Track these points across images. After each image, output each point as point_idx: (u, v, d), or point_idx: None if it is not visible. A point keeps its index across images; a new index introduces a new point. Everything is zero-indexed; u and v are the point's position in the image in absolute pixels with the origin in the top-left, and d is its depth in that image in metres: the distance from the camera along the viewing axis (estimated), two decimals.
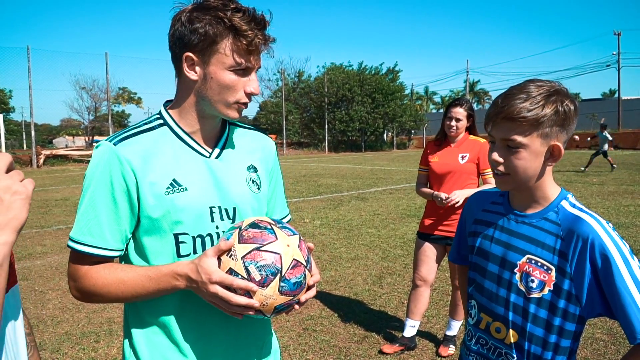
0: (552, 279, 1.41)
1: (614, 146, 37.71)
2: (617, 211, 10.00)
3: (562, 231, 1.43)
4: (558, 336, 1.43)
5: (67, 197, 13.74)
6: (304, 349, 4.14)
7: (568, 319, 1.41)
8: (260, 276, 1.25)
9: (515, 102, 1.38)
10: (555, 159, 1.44)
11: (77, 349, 4.22)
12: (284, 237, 1.32)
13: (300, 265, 1.32)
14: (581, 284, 1.37)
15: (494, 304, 1.54)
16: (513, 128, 1.40)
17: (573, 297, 1.39)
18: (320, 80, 44.29)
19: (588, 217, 1.41)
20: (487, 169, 3.88)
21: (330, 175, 19.65)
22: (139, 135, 1.43)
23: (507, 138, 1.41)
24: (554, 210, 1.47)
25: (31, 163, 26.70)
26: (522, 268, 1.47)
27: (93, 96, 39.94)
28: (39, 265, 6.80)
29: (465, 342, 1.68)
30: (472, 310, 1.64)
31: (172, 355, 1.44)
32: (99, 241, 1.37)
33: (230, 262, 1.27)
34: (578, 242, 1.38)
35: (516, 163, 1.42)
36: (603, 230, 1.37)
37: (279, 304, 1.30)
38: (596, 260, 1.35)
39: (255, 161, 1.59)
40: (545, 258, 1.43)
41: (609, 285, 1.33)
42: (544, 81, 1.43)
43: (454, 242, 1.86)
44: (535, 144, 1.40)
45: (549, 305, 1.42)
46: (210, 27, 1.34)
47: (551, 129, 1.39)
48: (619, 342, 4.12)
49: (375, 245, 7.64)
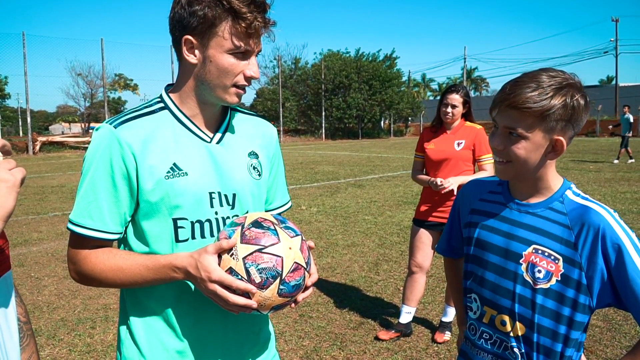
0: (559, 269, 1.38)
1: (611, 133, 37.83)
2: (614, 198, 10.02)
3: (569, 221, 1.40)
4: (568, 327, 1.40)
5: (63, 184, 13.70)
6: (300, 335, 4.14)
7: (578, 309, 1.38)
8: (260, 278, 1.24)
9: (523, 91, 1.33)
10: (557, 154, 1.40)
11: (72, 335, 4.22)
12: (286, 239, 1.30)
13: (301, 268, 1.31)
14: (593, 273, 1.35)
15: (498, 296, 1.49)
16: (517, 117, 1.35)
17: (583, 286, 1.36)
18: (317, 67, 44.07)
19: (597, 207, 1.39)
20: (482, 156, 3.87)
21: (327, 162, 19.64)
22: (139, 119, 1.41)
23: (510, 127, 1.38)
24: (558, 200, 1.44)
25: (27, 150, 26.62)
26: (528, 258, 1.43)
27: (89, 82, 39.75)
28: (35, 252, 6.79)
29: (468, 337, 1.62)
30: (472, 304, 1.58)
31: (169, 339, 1.43)
32: (99, 224, 1.36)
33: (231, 261, 1.25)
34: (589, 231, 1.35)
35: (516, 152, 1.38)
36: (613, 220, 1.35)
37: (276, 305, 1.30)
38: (608, 250, 1.32)
39: (256, 147, 1.57)
40: (552, 248, 1.40)
41: (620, 274, 1.31)
42: (558, 72, 1.37)
43: (443, 233, 1.80)
44: (537, 136, 1.36)
45: (557, 295, 1.39)
46: (209, 10, 1.32)
47: (556, 123, 1.34)
48: (614, 329, 4.14)
49: (371, 232, 7.65)
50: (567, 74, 1.38)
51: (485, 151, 3.85)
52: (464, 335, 1.65)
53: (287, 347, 3.95)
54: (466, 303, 1.63)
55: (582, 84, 1.39)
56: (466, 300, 1.62)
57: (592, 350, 3.78)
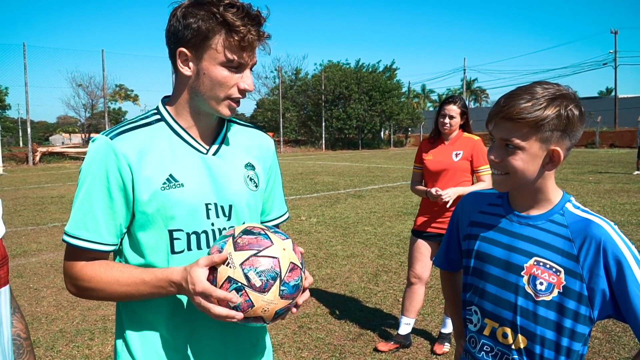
0: (561, 280, 1.39)
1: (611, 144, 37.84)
2: (613, 209, 10.01)
3: (571, 233, 1.40)
4: (570, 339, 1.40)
5: (63, 194, 13.70)
6: (299, 347, 4.13)
7: (579, 320, 1.38)
8: (260, 282, 1.24)
9: (517, 103, 1.36)
10: (554, 165, 1.41)
11: (71, 346, 4.20)
12: (279, 241, 1.31)
13: (297, 268, 1.31)
14: (594, 285, 1.35)
15: (499, 308, 1.49)
16: (512, 129, 1.37)
17: (585, 298, 1.37)
18: (318, 78, 44.18)
19: (598, 219, 1.40)
20: (480, 167, 3.88)
21: (327, 173, 19.64)
22: (136, 130, 1.42)
23: (505, 138, 1.39)
24: (559, 212, 1.45)
25: (27, 160, 26.63)
26: (529, 271, 1.43)
27: (90, 93, 39.86)
28: (34, 263, 6.78)
29: (469, 350, 1.60)
30: (473, 317, 1.58)
31: (166, 351, 1.43)
32: (95, 235, 1.36)
33: (228, 270, 1.25)
34: (591, 244, 1.36)
35: (513, 164, 1.39)
36: (615, 232, 1.37)
37: (279, 309, 1.29)
38: (609, 262, 1.33)
39: (253, 159, 1.58)
40: (554, 260, 1.40)
41: (621, 287, 1.32)
42: (552, 84, 1.40)
43: (441, 246, 1.80)
44: (533, 147, 1.38)
45: (558, 307, 1.39)
46: (203, 23, 1.33)
47: (552, 133, 1.36)
48: (613, 340, 4.13)
49: (371, 243, 7.63)
50: (561, 86, 1.40)
51: (483, 162, 3.87)
52: (464, 349, 1.64)
53: (286, 358, 3.94)
54: (466, 315, 1.62)
55: (578, 96, 1.42)
56: (466, 313, 1.62)
57: None
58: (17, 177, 19.75)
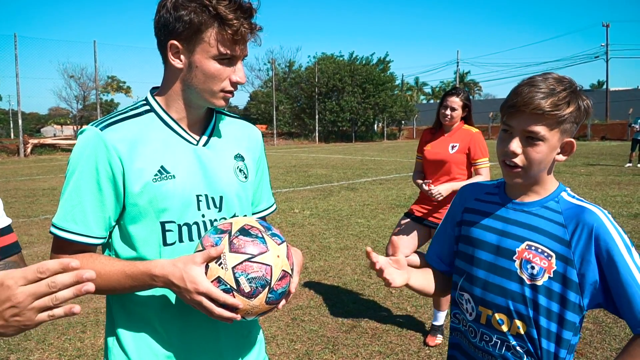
0: (552, 265, 1.40)
1: (602, 137, 38.07)
2: (604, 201, 10.08)
3: (564, 219, 1.42)
4: (559, 326, 1.40)
5: (54, 186, 13.61)
6: (292, 339, 4.14)
7: (569, 307, 1.39)
8: (250, 288, 1.23)
9: (543, 95, 1.34)
10: (566, 154, 1.44)
11: (63, 339, 4.19)
12: (274, 247, 1.30)
13: (287, 275, 1.31)
14: (585, 271, 1.36)
15: (491, 294, 1.49)
16: (539, 120, 1.36)
17: (575, 284, 1.37)
18: (311, 70, 44.07)
19: (591, 207, 1.42)
20: (478, 159, 3.87)
21: (320, 165, 19.63)
22: (126, 121, 1.40)
23: (531, 130, 1.37)
24: (554, 199, 1.47)
25: (18, 152, 26.43)
26: (521, 255, 1.44)
27: (81, 85, 39.42)
28: (25, 255, 6.70)
29: (469, 339, 1.58)
30: (467, 305, 1.57)
31: (158, 344, 1.42)
32: (83, 228, 1.35)
33: (220, 270, 1.23)
34: (583, 230, 1.37)
35: (534, 156, 1.39)
36: (608, 220, 1.38)
37: (262, 312, 1.30)
38: (601, 249, 1.34)
39: (242, 150, 1.57)
40: (545, 244, 1.41)
41: (612, 274, 1.33)
42: (561, 76, 1.40)
43: (433, 241, 1.77)
44: (554, 138, 1.39)
45: (548, 291, 1.40)
46: (195, 15, 1.31)
47: (570, 125, 1.39)
48: (604, 331, 4.16)
49: (364, 236, 7.65)
50: (566, 77, 1.41)
51: (480, 155, 3.86)
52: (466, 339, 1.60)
53: (279, 350, 3.94)
54: (459, 300, 1.60)
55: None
56: (461, 299, 1.60)
57: (583, 353, 3.79)
58: (8, 169, 19.59)
